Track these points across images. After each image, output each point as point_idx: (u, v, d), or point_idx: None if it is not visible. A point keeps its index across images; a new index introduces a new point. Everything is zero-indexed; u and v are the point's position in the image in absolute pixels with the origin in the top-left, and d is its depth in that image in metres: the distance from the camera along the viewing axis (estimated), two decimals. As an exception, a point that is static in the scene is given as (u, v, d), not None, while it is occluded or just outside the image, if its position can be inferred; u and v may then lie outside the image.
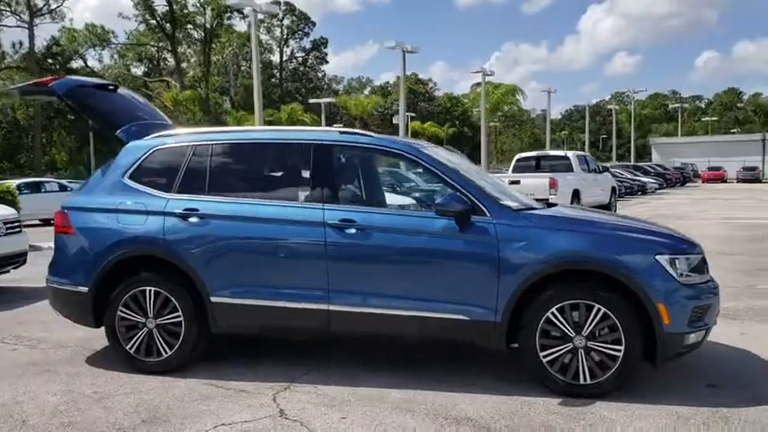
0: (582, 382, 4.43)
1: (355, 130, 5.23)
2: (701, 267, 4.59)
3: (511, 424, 4.05)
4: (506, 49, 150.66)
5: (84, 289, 5.15)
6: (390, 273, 4.73)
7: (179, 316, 5.01)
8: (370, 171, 5.66)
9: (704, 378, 4.81)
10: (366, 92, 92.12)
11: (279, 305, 4.85)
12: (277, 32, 79.14)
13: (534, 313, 4.48)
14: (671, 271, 4.38)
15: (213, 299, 4.94)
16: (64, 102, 5.53)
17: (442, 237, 4.63)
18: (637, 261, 4.41)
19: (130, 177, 5.28)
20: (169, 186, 5.19)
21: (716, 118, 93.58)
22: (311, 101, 57.54)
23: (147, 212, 5.10)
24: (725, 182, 56.03)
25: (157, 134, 5.52)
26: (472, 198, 4.63)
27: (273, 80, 78.53)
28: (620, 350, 4.38)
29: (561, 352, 4.46)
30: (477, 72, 36.76)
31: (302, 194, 5.04)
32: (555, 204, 5.07)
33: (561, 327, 4.44)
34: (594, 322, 4.40)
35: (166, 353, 5.04)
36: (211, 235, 4.97)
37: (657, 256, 4.40)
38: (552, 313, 4.45)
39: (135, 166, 5.30)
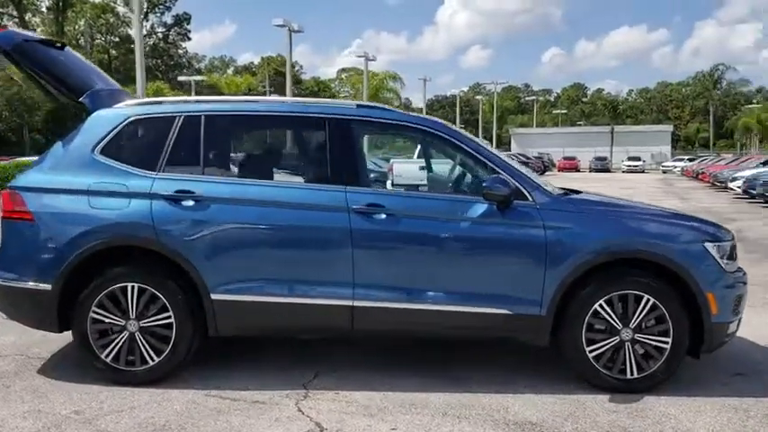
0: (629, 376, 4.21)
1: (374, 104, 4.66)
2: (734, 255, 4.52)
3: (579, 427, 3.74)
4: (368, 36, 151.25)
5: (46, 286, 4.24)
6: (423, 264, 4.25)
7: (169, 317, 4.24)
8: (397, 149, 5.12)
9: (728, 368, 4.74)
10: (230, 71, 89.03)
11: (295, 302, 4.23)
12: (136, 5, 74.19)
13: (581, 306, 4.19)
14: (718, 259, 4.25)
15: (214, 296, 4.22)
16: (11, 60, 4.51)
17: (481, 223, 4.22)
18: (687, 249, 4.24)
19: (102, 152, 4.40)
20: (153, 163, 4.37)
21: (565, 111, 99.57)
22: (181, 78, 54.48)
23: (130, 194, 4.27)
24: (578, 171, 59.63)
25: (133, 102, 4.67)
26: (514, 181, 4.25)
27: (131, 56, 73.71)
28: (667, 342, 4.20)
29: (608, 346, 4.21)
30: (360, 56, 36.37)
31: (318, 175, 4.43)
32: (580, 191, 4.80)
33: (609, 319, 4.19)
34: (643, 314, 4.19)
35: (153, 360, 4.26)
36: (212, 221, 4.24)
37: (706, 244, 4.25)
38: (600, 305, 4.19)
39: (107, 138, 4.42)
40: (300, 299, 4.23)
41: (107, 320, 4.26)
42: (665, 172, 55.41)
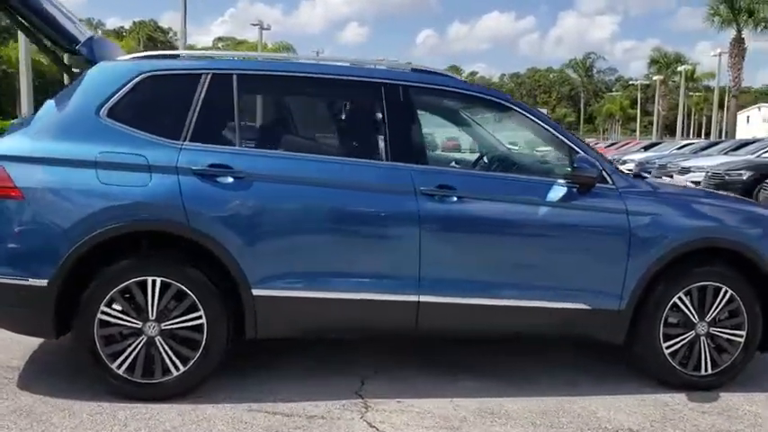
0: (703, 372, 3.95)
1: (431, 68, 4.05)
2: None
3: (683, 432, 3.43)
4: (242, 6, 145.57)
5: (41, 282, 3.37)
6: (497, 254, 3.75)
7: (199, 317, 3.50)
8: (456, 123, 4.52)
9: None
10: (99, 34, 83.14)
11: (353, 298, 3.61)
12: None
13: (660, 298, 3.87)
14: None
15: (256, 291, 3.52)
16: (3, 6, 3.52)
17: (562, 207, 3.78)
18: (764, 237, 4.01)
19: (110, 115, 3.54)
20: (176, 131, 3.56)
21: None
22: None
23: (150, 168, 3.46)
24: (460, 151, 60.80)
25: (141, 54, 3.82)
26: (596, 162, 3.84)
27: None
28: (741, 335, 3.97)
29: (684, 341, 3.92)
30: (255, 24, 34.73)
31: (375, 151, 3.79)
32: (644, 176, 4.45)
33: (686, 313, 3.90)
34: (720, 306, 3.93)
35: (177, 370, 3.51)
36: (255, 203, 3.52)
37: None
38: (679, 297, 3.88)
39: (116, 97, 3.55)
40: (359, 294, 3.61)
41: (120, 322, 3.46)
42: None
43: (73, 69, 3.70)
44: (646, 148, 32.12)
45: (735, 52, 37.24)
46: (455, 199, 3.67)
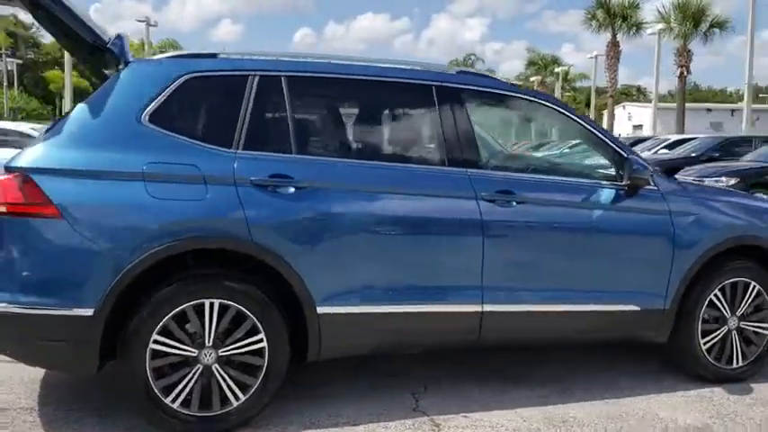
0: (734, 365, 4.10)
1: (474, 71, 3.93)
2: None
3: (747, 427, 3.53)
4: (108, 2, 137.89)
5: (86, 311, 2.96)
6: (556, 259, 3.70)
7: (260, 340, 3.21)
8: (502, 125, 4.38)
9: None
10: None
11: (420, 310, 3.44)
12: None
13: (698, 296, 3.97)
14: None
15: (321, 309, 3.27)
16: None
17: (614, 210, 3.79)
18: None
19: (152, 120, 3.17)
20: (227, 138, 3.25)
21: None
22: None
23: (206, 179, 3.13)
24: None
25: (175, 54, 3.46)
26: (647, 164, 3.88)
27: None
28: (767, 328, 4.16)
29: (719, 336, 4.05)
30: (141, 21, 33.00)
31: (432, 155, 3.63)
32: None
33: (721, 309, 4.03)
34: (749, 302, 4.09)
35: (238, 399, 3.20)
36: (319, 214, 3.27)
37: None
38: (715, 294, 4.01)
39: (158, 101, 3.18)
40: (425, 306, 3.45)
41: (174, 352, 3.11)
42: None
43: (105, 71, 3.27)
44: (536, 149, 33.43)
45: (611, 54, 39.58)
46: (514, 204, 3.59)
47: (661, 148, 19.51)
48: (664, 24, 31.67)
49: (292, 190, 3.23)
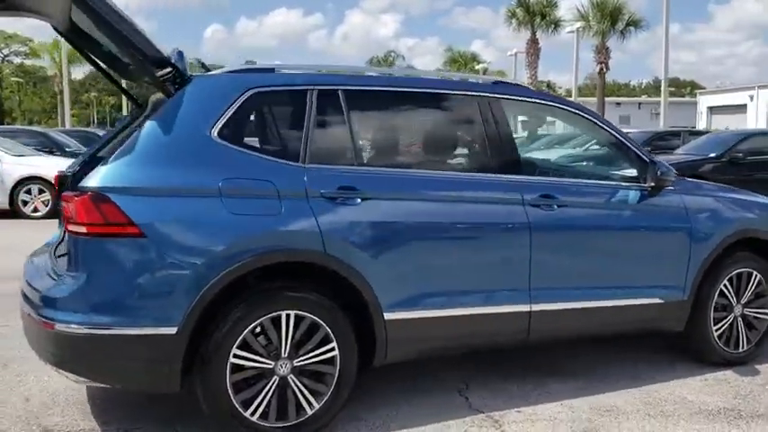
0: (740, 350, 4.45)
1: (509, 80, 4.10)
2: None
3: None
4: None
5: (170, 330, 2.95)
6: (593, 258, 3.94)
7: (332, 348, 3.28)
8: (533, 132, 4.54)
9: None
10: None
11: (477, 312, 3.59)
12: None
13: (711, 286, 4.29)
14: None
15: (388, 315, 3.37)
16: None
17: (640, 210, 4.06)
18: None
19: (221, 136, 3.18)
20: (293, 152, 3.30)
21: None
22: None
23: (279, 194, 3.17)
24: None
25: (233, 68, 3.46)
26: (671, 167, 4.16)
27: None
28: (766, 313, 4.54)
29: (727, 323, 4.39)
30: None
31: (480, 164, 3.79)
32: None
33: (729, 297, 4.37)
34: (751, 289, 4.45)
35: (312, 408, 3.26)
36: (383, 223, 3.36)
37: None
38: (724, 284, 4.34)
39: (225, 117, 3.19)
40: (481, 308, 3.61)
41: (252, 365, 3.14)
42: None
43: (167, 87, 3.22)
44: (549, 146, 34.08)
45: (531, 51, 40.88)
46: (556, 207, 3.79)
47: (591, 146, 20.36)
48: (583, 23, 32.94)
49: (359, 201, 3.31)
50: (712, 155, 13.01)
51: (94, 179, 2.98)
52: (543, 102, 4.11)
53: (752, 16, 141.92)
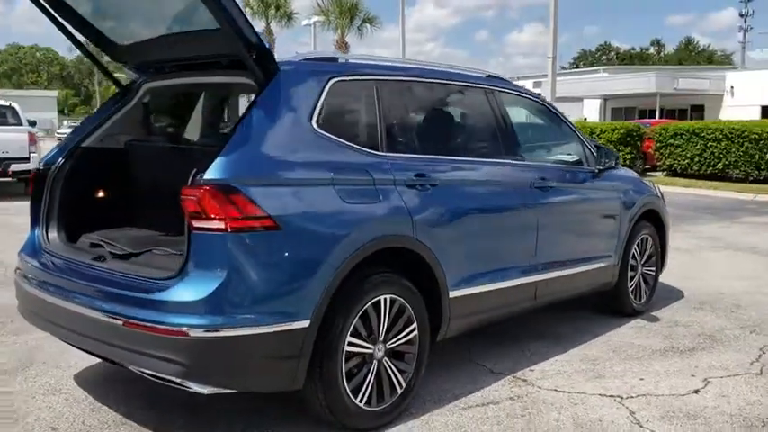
0: (641, 301, 5.44)
1: (498, 74, 4.51)
2: None
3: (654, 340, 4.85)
4: None
5: (303, 324, 2.88)
6: (572, 231, 4.64)
7: (413, 329, 3.44)
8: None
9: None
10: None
11: (505, 285, 4.00)
12: None
13: (628, 250, 5.21)
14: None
15: (452, 293, 3.61)
16: None
17: (597, 189, 4.82)
18: (659, 199, 5.68)
19: (318, 124, 3.13)
20: (373, 141, 3.38)
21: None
22: None
23: (375, 182, 3.23)
24: None
25: (308, 56, 3.39)
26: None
27: None
28: (654, 270, 5.62)
29: (636, 280, 5.36)
30: None
31: (499, 150, 4.15)
32: None
33: (637, 258, 5.35)
34: (647, 251, 5.49)
35: (401, 387, 3.39)
36: (450, 208, 3.63)
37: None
38: (634, 248, 5.29)
39: (319, 107, 3.16)
40: (513, 281, 4.06)
41: (360, 351, 3.18)
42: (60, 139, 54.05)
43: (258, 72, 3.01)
44: None
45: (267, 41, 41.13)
46: (550, 189, 4.35)
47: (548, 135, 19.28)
48: (323, 17, 34.19)
49: (430, 188, 3.50)
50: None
51: (216, 171, 2.75)
52: (528, 97, 4.68)
53: (435, 19, 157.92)
